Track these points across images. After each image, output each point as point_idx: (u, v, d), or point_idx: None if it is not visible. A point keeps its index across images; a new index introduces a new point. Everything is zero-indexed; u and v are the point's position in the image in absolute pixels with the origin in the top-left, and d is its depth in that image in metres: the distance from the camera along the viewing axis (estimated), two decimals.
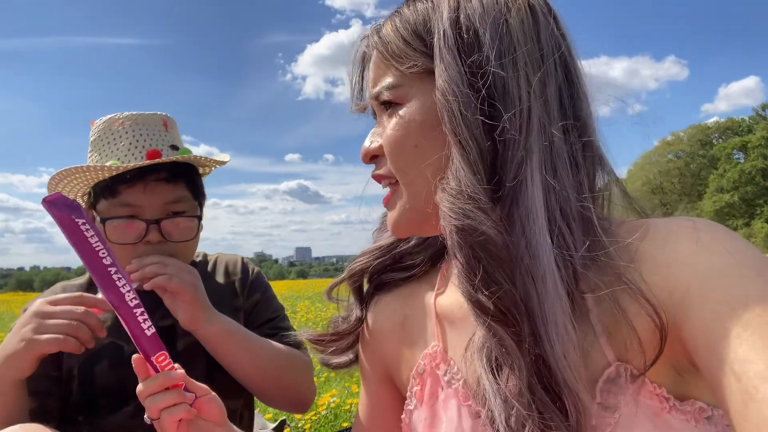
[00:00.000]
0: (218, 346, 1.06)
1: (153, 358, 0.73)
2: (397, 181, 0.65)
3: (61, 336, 0.91)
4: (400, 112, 0.63)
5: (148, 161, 1.05)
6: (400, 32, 0.63)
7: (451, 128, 0.58)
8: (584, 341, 0.55)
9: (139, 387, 0.74)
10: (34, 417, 1.02)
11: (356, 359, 0.83)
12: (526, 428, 0.52)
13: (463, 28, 0.59)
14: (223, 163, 1.23)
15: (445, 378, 0.68)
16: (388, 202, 0.68)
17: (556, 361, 0.52)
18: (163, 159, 1.06)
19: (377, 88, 0.66)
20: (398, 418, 0.76)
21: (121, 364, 1.08)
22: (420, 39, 0.62)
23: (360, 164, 0.71)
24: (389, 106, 0.65)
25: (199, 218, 1.15)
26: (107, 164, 1.06)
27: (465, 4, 0.60)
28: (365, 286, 0.82)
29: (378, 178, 0.68)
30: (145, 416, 0.75)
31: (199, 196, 1.18)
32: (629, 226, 0.59)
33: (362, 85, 0.72)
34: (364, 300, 0.81)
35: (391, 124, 0.64)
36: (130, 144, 1.10)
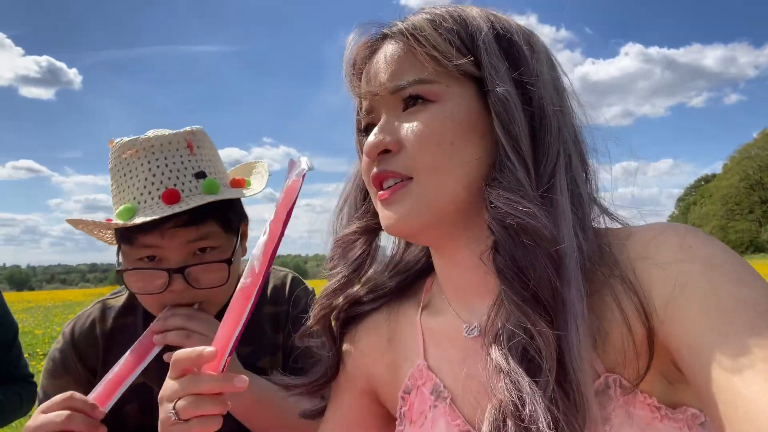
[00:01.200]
0: (243, 413, 0.98)
1: (226, 358, 0.66)
2: (408, 178, 0.63)
3: None
4: (435, 109, 0.62)
5: (158, 214, 0.93)
6: (440, 31, 0.63)
7: (507, 133, 0.60)
8: None
9: (191, 379, 0.68)
10: None
11: (325, 407, 0.81)
12: (541, 423, 0.50)
13: (504, 41, 0.63)
14: (256, 192, 1.08)
15: (432, 396, 0.68)
16: (395, 197, 0.63)
17: (572, 363, 0.53)
18: (179, 209, 0.94)
19: (400, 81, 0.63)
20: None
21: (150, 407, 0.92)
22: (462, 42, 0.62)
23: None
24: (414, 100, 0.63)
25: (229, 262, 1.01)
26: (120, 208, 0.97)
27: (497, 21, 0.65)
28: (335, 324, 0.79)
29: (385, 175, 0.64)
30: (170, 410, 0.67)
31: (232, 228, 1.05)
32: (612, 235, 0.61)
33: (361, 72, 0.68)
34: (336, 341, 0.79)
35: (422, 120, 0.62)
36: (146, 180, 0.97)
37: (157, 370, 1.02)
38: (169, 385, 0.73)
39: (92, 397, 0.92)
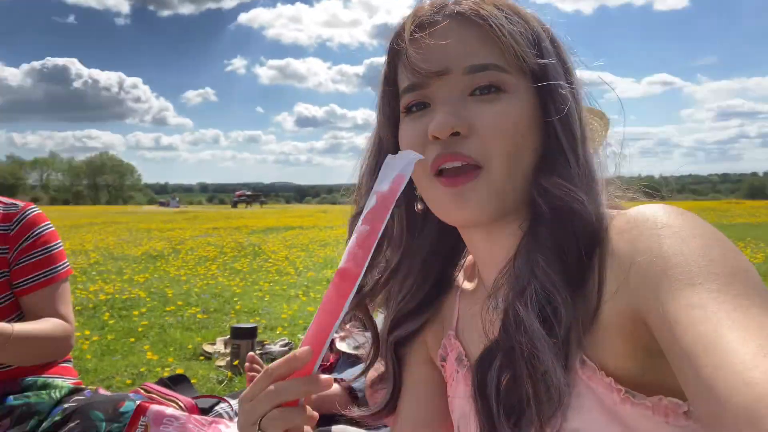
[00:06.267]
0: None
1: (321, 356, 0.59)
2: (477, 166, 0.63)
3: None
4: (509, 99, 0.64)
5: None
6: (515, 25, 0.64)
7: (568, 132, 0.65)
8: None
9: (277, 390, 0.56)
10: None
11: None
12: (553, 370, 0.56)
13: (556, 44, 0.68)
14: None
15: (456, 363, 0.74)
16: (467, 188, 0.64)
17: (575, 333, 0.58)
18: None
19: (477, 62, 0.63)
20: (439, 398, 0.82)
21: None
22: (530, 39, 0.65)
23: None
24: (487, 87, 0.64)
25: None
26: None
27: (541, 21, 0.68)
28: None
29: (456, 157, 0.63)
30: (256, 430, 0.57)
31: None
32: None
33: (418, 47, 0.65)
34: (398, 365, 0.83)
35: (499, 108, 0.63)
36: None
37: None
38: (253, 390, 0.59)
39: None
